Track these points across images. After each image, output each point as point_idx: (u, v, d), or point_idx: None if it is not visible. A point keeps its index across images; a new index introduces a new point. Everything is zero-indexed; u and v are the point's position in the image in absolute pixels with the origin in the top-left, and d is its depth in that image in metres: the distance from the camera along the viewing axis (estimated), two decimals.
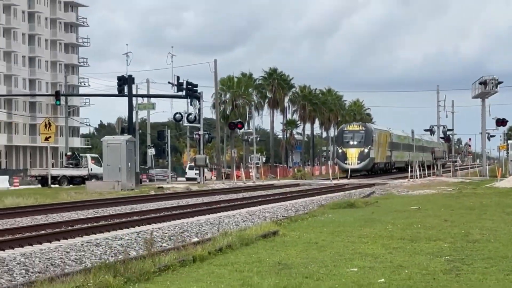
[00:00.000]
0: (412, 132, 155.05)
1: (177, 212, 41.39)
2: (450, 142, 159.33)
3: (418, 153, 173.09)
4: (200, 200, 55.68)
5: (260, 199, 52.76)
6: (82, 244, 27.45)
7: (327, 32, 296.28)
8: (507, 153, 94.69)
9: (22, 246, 26.79)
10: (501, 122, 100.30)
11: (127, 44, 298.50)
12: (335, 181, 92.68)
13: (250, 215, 40.43)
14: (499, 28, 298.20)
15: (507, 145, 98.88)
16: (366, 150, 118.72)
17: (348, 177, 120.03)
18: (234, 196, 60.51)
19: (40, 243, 27.75)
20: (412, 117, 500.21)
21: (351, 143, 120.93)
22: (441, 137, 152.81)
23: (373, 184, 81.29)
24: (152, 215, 39.56)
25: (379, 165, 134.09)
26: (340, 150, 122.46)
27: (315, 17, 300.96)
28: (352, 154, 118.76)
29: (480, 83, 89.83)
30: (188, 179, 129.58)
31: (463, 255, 22.53)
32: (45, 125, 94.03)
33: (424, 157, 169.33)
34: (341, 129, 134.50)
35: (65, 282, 17.72)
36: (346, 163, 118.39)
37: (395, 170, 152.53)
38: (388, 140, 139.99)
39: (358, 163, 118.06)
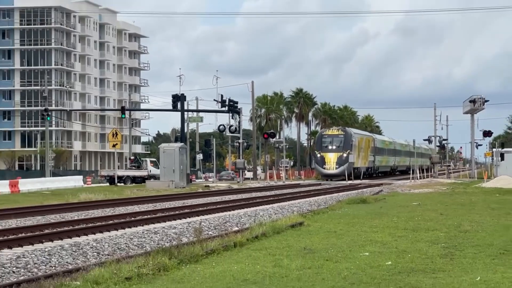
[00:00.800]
0: (414, 141, 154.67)
1: (220, 206, 41.34)
2: (444, 149, 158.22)
3: (416, 158, 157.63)
4: (239, 196, 55.62)
5: (288, 196, 52.60)
6: (143, 232, 27.57)
7: (344, 59, 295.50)
8: (492, 159, 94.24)
9: (94, 234, 26.88)
10: (487, 133, 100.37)
11: (180, 68, 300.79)
12: (350, 182, 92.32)
13: (280, 208, 40.37)
14: (486, 55, 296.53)
15: (492, 152, 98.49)
16: (345, 155, 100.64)
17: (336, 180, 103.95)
18: (267, 193, 60.38)
19: (109, 231, 27.86)
20: (414, 129, 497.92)
21: (330, 147, 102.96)
22: (438, 146, 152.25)
23: (381, 184, 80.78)
24: (200, 209, 39.50)
25: (360, 170, 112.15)
26: (318, 155, 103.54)
27: (334, 46, 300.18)
28: (331, 158, 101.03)
29: (470, 101, 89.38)
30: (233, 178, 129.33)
31: (456, 242, 22.45)
32: (113, 134, 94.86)
33: (413, 161, 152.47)
34: (320, 134, 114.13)
35: (130, 263, 17.76)
36: (324, 168, 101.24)
37: (380, 175, 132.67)
38: (371, 145, 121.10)
39: (336, 168, 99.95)
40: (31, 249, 22.44)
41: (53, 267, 19.95)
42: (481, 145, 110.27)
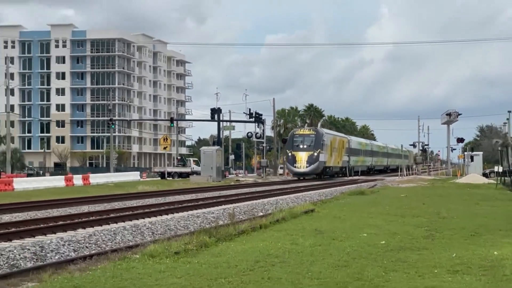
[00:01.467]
0: (402, 146, 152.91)
1: (248, 196, 41.32)
2: (426, 152, 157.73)
3: (394, 159, 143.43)
4: (263, 188, 55.60)
5: (302, 188, 52.46)
6: (187, 216, 27.61)
7: (345, 80, 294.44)
8: (464, 160, 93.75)
9: (149, 217, 26.90)
10: (460, 140, 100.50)
11: (216, 88, 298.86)
12: (350, 178, 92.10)
13: (296, 198, 40.32)
14: (459, 78, 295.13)
15: (464, 155, 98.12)
16: (315, 154, 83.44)
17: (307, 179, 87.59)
18: (285, 186, 60.22)
19: (161, 215, 27.92)
20: (402, 136, 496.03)
21: (301, 146, 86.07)
22: (420, 149, 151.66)
23: (376, 179, 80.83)
24: (233, 198, 39.50)
25: (332, 169, 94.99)
26: (290, 154, 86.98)
27: (338, 70, 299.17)
28: (301, 157, 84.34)
29: (446, 114, 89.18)
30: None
31: (436, 226, 22.33)
32: (164, 139, 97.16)
33: (390, 161, 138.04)
34: (292, 133, 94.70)
35: (177, 241, 17.78)
36: (295, 167, 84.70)
37: (355, 174, 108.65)
38: (346, 146, 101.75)
39: (307, 167, 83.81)
40: (100, 229, 22.58)
41: (118, 243, 20.08)
42: (455, 149, 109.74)
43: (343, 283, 12.07)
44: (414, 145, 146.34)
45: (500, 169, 66.09)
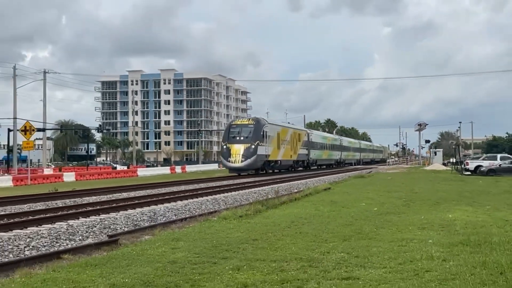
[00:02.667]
0: (388, 145, 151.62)
1: (287, 179, 41.25)
2: (404, 150, 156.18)
3: (368, 153, 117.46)
4: (295, 175, 55.44)
5: (321, 175, 52.28)
6: (248, 192, 27.62)
7: (352, 102, 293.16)
8: (430, 155, 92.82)
9: (223, 193, 26.91)
10: (427, 141, 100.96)
11: (267, 109, 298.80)
12: (354, 166, 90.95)
13: (318, 180, 40.16)
14: (427, 100, 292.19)
15: (430, 151, 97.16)
16: (253, 146, 53.96)
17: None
18: (311, 173, 60.01)
19: (230, 192, 27.87)
20: (389, 139, 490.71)
21: (237, 138, 56.13)
22: (401, 148, 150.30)
23: (372, 168, 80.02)
24: (277, 180, 39.42)
25: (280, 163, 60.56)
26: (225, 147, 56.27)
27: (346, 96, 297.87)
28: (236, 150, 54.59)
29: (418, 124, 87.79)
30: None
31: (411, 198, 22.09)
32: None
33: (364, 155, 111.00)
34: (229, 124, 62.50)
35: (241, 208, 17.81)
36: (229, 161, 54.25)
37: (315, 167, 76.93)
38: (304, 139, 69.08)
39: (242, 161, 53.91)
40: (191, 201, 22.70)
41: (203, 210, 20.13)
42: (424, 147, 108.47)
43: (348, 236, 12.03)
44: (396, 145, 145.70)
45: (454, 160, 66.06)
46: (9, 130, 63.79)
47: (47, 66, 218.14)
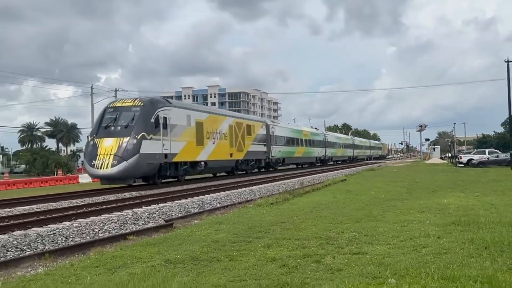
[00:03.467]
0: (394, 144, 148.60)
1: (310, 172, 40.96)
2: (408, 147, 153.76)
3: (363, 150, 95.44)
4: (317, 169, 54.97)
5: (338, 168, 51.82)
6: (279, 184, 27.29)
7: (363, 109, 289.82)
8: (429, 151, 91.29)
9: (258, 185, 26.74)
10: (427, 139, 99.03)
11: (294, 117, 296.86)
12: (365, 161, 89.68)
13: (336, 173, 39.68)
14: (427, 105, 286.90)
15: (429, 148, 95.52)
16: (133, 141, 21.07)
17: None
18: (330, 167, 59.49)
19: (264, 184, 27.64)
20: (395, 138, 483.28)
21: (112, 128, 22.05)
22: (405, 146, 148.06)
23: (381, 163, 78.97)
24: (302, 174, 39.12)
25: (203, 165, 29.13)
26: (91, 142, 21.81)
27: (359, 104, 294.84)
28: (106, 148, 20.98)
29: (419, 126, 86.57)
30: None
31: (413, 187, 21.78)
32: None
33: (357, 152, 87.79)
34: (105, 107, 24.15)
35: (272, 197, 17.78)
36: (93, 165, 20.85)
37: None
38: (260, 133, 39.34)
39: (113, 165, 20.63)
40: (232, 191, 22.61)
41: (241, 199, 20.07)
42: (424, 144, 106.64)
43: (359, 218, 11.89)
44: (401, 143, 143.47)
45: (449, 155, 65.18)
46: (88, 137, 65.26)
47: (118, 85, 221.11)
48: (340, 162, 71.74)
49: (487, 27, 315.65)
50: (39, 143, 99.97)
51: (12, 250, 9.92)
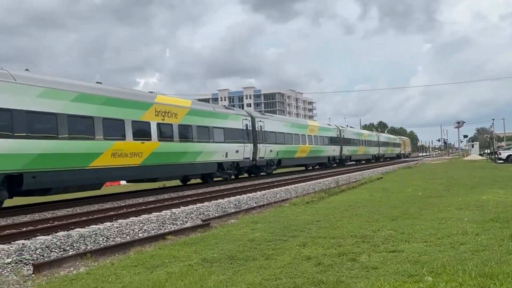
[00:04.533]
0: (431, 141, 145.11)
1: (346, 171, 40.56)
2: (446, 144, 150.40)
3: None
4: (354, 167, 54.39)
5: (374, 166, 51.16)
6: (314, 183, 27.18)
7: (399, 107, 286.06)
8: (468, 147, 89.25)
9: (294, 184, 26.69)
10: (465, 136, 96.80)
11: (329, 116, 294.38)
12: (402, 159, 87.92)
13: (373, 171, 39.23)
14: (464, 101, 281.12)
15: (468, 144, 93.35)
16: None
17: None
18: (367, 165, 58.81)
19: (299, 183, 27.50)
20: (433, 136, 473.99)
21: None
22: (443, 143, 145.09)
23: (418, 160, 77.55)
24: (338, 172, 38.82)
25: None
26: None
27: (394, 102, 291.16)
28: None
29: (457, 122, 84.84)
30: None
31: (451, 184, 21.34)
32: None
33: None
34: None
35: (308, 196, 17.70)
36: None
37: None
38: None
39: None
40: (268, 191, 22.57)
41: (277, 198, 20.02)
42: (462, 141, 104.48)
43: (396, 216, 11.71)
44: (439, 140, 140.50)
45: (488, 151, 63.72)
46: None
47: (156, 89, 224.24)
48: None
49: None
50: None
51: (56, 250, 10.18)
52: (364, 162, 63.57)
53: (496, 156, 51.28)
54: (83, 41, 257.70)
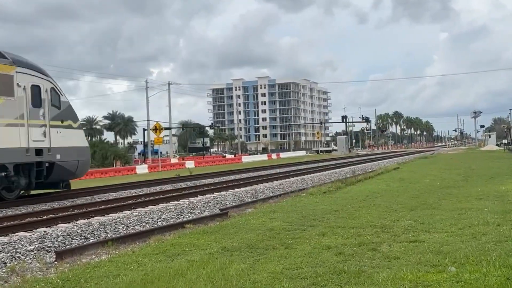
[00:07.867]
0: (447, 131, 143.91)
1: (362, 161, 40.38)
2: (462, 134, 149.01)
3: None
4: (370, 157, 54.11)
5: (390, 156, 50.83)
6: (330, 173, 27.17)
7: (415, 97, 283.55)
8: (485, 137, 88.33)
9: (310, 174, 26.64)
10: (482, 126, 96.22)
11: (344, 106, 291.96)
12: (418, 149, 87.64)
13: (389, 161, 39.08)
14: (481, 91, 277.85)
15: (485, 135, 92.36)
16: None
17: None
18: (382, 155, 58.49)
19: (315, 173, 27.50)
20: (449, 126, 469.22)
21: None
22: (459, 133, 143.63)
23: (434, 150, 76.97)
24: (353, 162, 38.67)
25: None
26: None
27: (410, 92, 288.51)
28: None
29: (473, 112, 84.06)
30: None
31: (468, 174, 21.15)
32: (318, 133, 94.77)
33: None
34: None
35: (325, 185, 17.63)
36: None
37: None
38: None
39: None
40: (284, 181, 22.60)
41: (294, 188, 20.00)
42: (479, 131, 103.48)
43: (415, 206, 11.62)
44: (455, 130, 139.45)
45: (506, 142, 63.04)
46: (144, 130, 67.55)
47: (170, 79, 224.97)
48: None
49: None
50: (98, 136, 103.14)
51: (77, 238, 10.27)
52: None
53: None
54: (97, 31, 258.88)
